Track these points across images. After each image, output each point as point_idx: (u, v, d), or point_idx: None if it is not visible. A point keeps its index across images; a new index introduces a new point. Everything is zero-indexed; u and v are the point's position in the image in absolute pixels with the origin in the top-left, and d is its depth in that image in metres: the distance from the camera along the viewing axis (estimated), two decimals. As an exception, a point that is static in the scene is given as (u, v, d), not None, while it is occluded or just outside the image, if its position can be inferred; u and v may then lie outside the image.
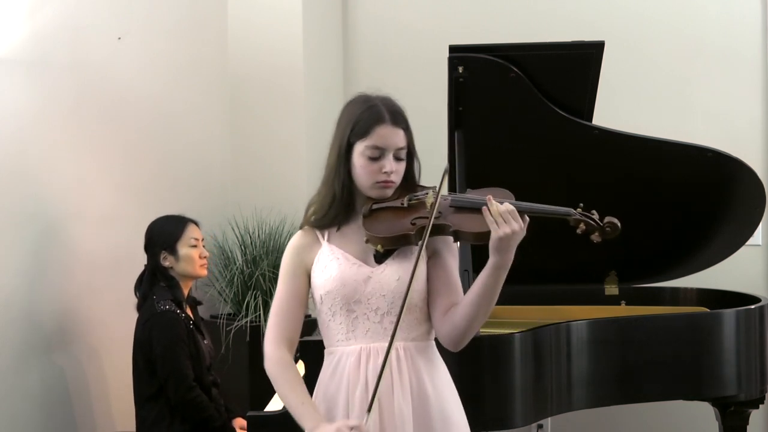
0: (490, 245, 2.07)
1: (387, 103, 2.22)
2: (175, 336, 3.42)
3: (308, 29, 4.65)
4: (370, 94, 2.25)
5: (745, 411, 3.46)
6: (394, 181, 2.21)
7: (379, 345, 2.18)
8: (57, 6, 3.68)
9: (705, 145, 3.49)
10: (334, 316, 2.22)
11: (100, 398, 3.92)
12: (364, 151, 2.18)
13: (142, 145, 4.18)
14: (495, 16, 4.77)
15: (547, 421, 3.72)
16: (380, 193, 2.21)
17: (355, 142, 2.19)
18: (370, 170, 2.18)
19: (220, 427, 3.49)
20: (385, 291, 2.18)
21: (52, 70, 3.68)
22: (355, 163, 2.20)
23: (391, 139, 2.18)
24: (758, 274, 4.57)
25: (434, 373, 2.23)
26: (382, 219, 2.18)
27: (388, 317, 2.19)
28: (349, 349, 2.20)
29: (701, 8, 4.63)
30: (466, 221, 2.15)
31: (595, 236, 2.16)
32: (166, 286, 3.53)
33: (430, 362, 2.24)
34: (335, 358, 2.22)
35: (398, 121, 2.20)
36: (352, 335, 2.20)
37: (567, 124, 3.33)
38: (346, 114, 2.24)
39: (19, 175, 3.49)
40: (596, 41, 3.23)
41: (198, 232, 3.65)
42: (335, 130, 2.26)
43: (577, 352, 3.14)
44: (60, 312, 3.71)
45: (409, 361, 2.19)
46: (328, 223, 2.24)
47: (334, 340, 2.23)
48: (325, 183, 2.24)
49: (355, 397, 2.17)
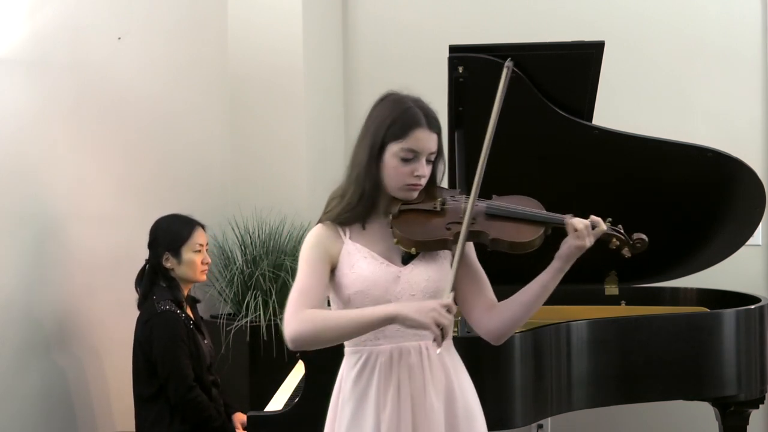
0: (562, 253, 2.15)
1: (422, 107, 2.22)
2: (176, 336, 3.42)
3: (308, 29, 4.65)
4: (403, 95, 2.25)
5: (745, 411, 3.46)
6: (422, 185, 2.22)
7: (410, 344, 2.18)
8: (57, 6, 3.68)
9: (705, 145, 3.48)
10: None
11: (100, 398, 3.92)
12: (398, 153, 2.17)
13: (142, 145, 4.18)
14: (495, 16, 4.77)
15: (547, 421, 3.72)
16: (407, 195, 2.22)
17: (389, 143, 2.18)
18: (401, 172, 2.18)
19: (219, 427, 3.49)
20: (415, 291, 2.18)
21: (52, 70, 3.68)
22: (386, 163, 2.19)
23: (426, 143, 2.18)
24: (758, 274, 4.57)
25: (460, 373, 2.26)
26: (414, 221, 2.19)
27: None
28: (379, 349, 2.19)
29: (701, 8, 4.63)
30: (505, 230, 2.19)
31: (626, 251, 2.24)
32: (167, 286, 3.53)
33: (456, 361, 2.27)
34: (362, 357, 2.20)
35: (433, 126, 2.21)
36: (382, 335, 2.18)
37: (567, 124, 3.33)
38: (379, 113, 2.23)
39: (19, 174, 3.49)
40: (596, 41, 3.22)
41: (204, 237, 3.64)
42: (365, 127, 2.24)
43: (577, 352, 3.14)
44: (60, 312, 3.71)
45: (437, 361, 2.20)
46: (353, 220, 2.23)
47: (361, 339, 2.20)
48: (355, 180, 2.22)
49: (387, 397, 2.16)
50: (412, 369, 2.17)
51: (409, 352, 2.18)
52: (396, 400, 2.15)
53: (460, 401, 2.21)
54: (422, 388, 2.17)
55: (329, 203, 2.28)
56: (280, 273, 4.29)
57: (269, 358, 4.06)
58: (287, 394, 3.16)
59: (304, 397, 2.82)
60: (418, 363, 2.18)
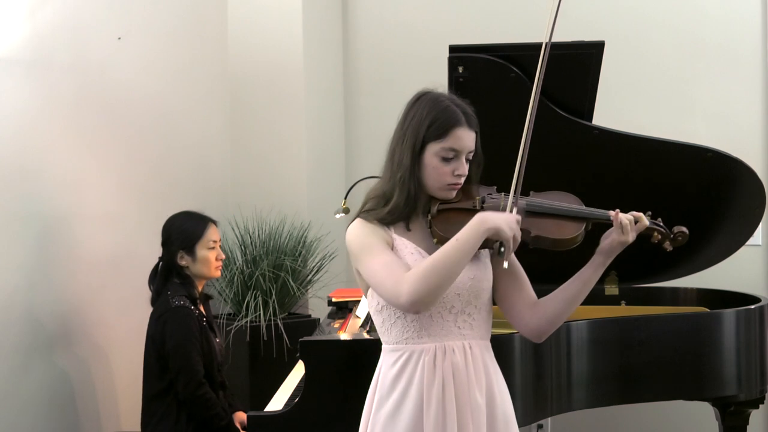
0: (604, 248, 2.17)
1: (460, 105, 2.22)
2: (188, 332, 3.42)
3: (308, 29, 4.66)
4: (438, 93, 2.24)
5: (745, 411, 3.46)
6: (461, 184, 2.22)
7: (453, 343, 2.19)
8: (57, 6, 3.68)
9: (705, 145, 3.48)
10: (405, 314, 2.18)
11: (103, 397, 3.92)
12: (438, 152, 2.17)
13: (142, 144, 4.18)
14: (495, 16, 4.77)
15: (547, 421, 3.72)
16: (446, 195, 2.21)
17: (430, 143, 2.17)
18: (442, 171, 2.18)
19: (225, 426, 3.49)
20: (460, 290, 2.18)
21: (52, 70, 3.68)
22: (426, 163, 2.18)
23: (466, 142, 2.18)
24: (758, 274, 4.57)
25: (498, 374, 2.27)
26: (453, 220, 2.17)
27: (462, 316, 2.20)
28: (423, 347, 2.18)
29: (701, 8, 4.63)
30: (547, 227, 2.18)
31: (667, 245, 2.27)
32: (181, 283, 3.53)
33: (494, 362, 2.27)
34: (404, 355, 2.19)
35: (472, 124, 2.21)
36: (425, 333, 2.18)
37: (567, 124, 3.33)
38: (417, 113, 2.21)
39: (20, 174, 3.49)
40: (596, 41, 3.22)
41: (217, 234, 3.65)
42: (402, 127, 2.22)
43: (577, 352, 3.14)
44: (61, 311, 3.71)
45: (480, 360, 2.21)
46: (398, 221, 2.21)
47: (403, 337, 2.19)
48: (399, 182, 2.19)
49: (431, 394, 2.15)
50: (457, 367, 2.17)
51: (453, 351, 2.18)
52: (441, 399, 2.15)
53: (500, 405, 2.22)
54: (466, 387, 2.17)
55: (367, 202, 2.25)
56: (280, 273, 4.29)
57: (269, 358, 4.07)
58: (287, 394, 3.16)
59: (304, 397, 2.82)
60: (462, 361, 2.18)
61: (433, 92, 2.24)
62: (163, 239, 3.60)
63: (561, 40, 3.40)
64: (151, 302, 3.57)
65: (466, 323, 2.20)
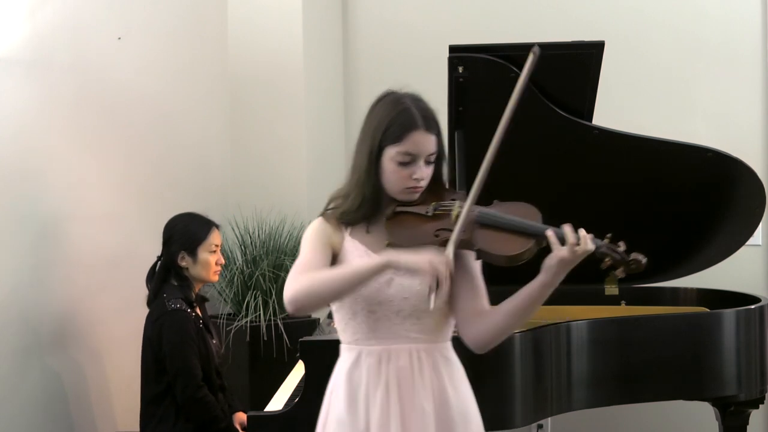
0: (546, 264, 2.04)
1: (420, 106, 2.19)
2: (185, 335, 3.42)
3: (308, 29, 4.65)
4: (401, 94, 2.22)
5: (745, 411, 3.46)
6: (423, 186, 2.19)
7: (400, 347, 2.17)
8: (57, 6, 3.68)
9: (705, 145, 3.48)
10: (355, 315, 2.18)
11: (101, 398, 3.92)
12: (395, 157, 2.15)
13: (142, 145, 4.18)
14: (495, 16, 4.76)
15: (547, 421, 3.72)
16: (407, 198, 2.19)
17: (387, 146, 2.16)
18: (400, 176, 2.16)
19: (225, 428, 3.49)
20: (408, 294, 2.16)
21: (52, 70, 3.68)
22: (385, 167, 2.17)
23: (423, 145, 2.15)
24: (758, 274, 4.57)
25: (454, 374, 2.23)
26: (406, 225, 2.16)
27: (410, 320, 2.17)
28: (370, 349, 2.18)
29: (701, 8, 4.63)
30: (493, 241, 2.11)
31: (620, 272, 2.09)
32: (178, 284, 3.53)
33: (450, 363, 2.24)
34: (355, 354, 2.20)
35: (431, 127, 2.17)
36: (373, 335, 2.18)
37: (567, 124, 3.33)
38: (376, 115, 2.20)
39: (19, 174, 3.49)
40: (596, 41, 3.22)
41: (219, 238, 3.65)
42: (364, 129, 2.23)
43: (577, 352, 3.14)
44: (60, 312, 3.71)
45: (430, 362, 2.19)
46: (357, 222, 2.22)
47: (354, 338, 2.20)
48: (356, 185, 2.20)
49: (376, 398, 2.15)
50: (402, 372, 2.15)
51: (399, 355, 2.17)
52: (385, 402, 2.14)
53: (455, 404, 2.19)
54: (411, 391, 2.15)
55: (330, 202, 2.26)
56: (280, 273, 4.29)
57: (269, 358, 4.07)
58: (287, 394, 3.16)
59: (304, 397, 2.82)
60: (407, 366, 2.16)
61: (396, 93, 2.22)
62: (164, 238, 3.59)
63: (561, 40, 3.43)
64: (147, 302, 3.57)
65: (415, 327, 2.17)
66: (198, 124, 4.54)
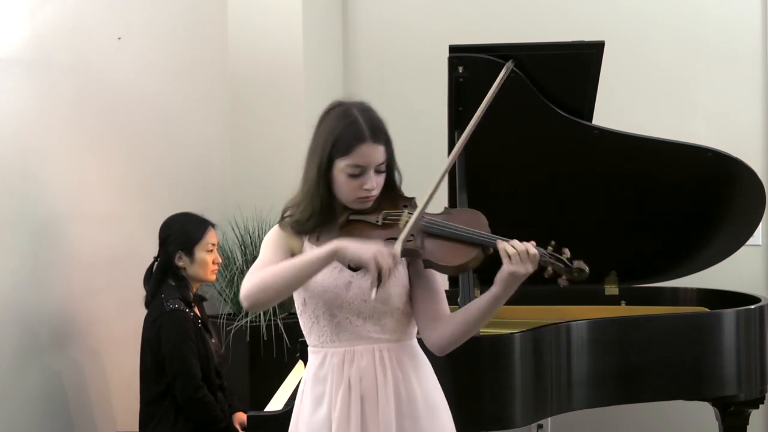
0: (498, 277, 2.08)
1: (367, 117, 2.21)
2: (184, 335, 3.43)
3: (308, 29, 4.65)
4: (349, 105, 2.24)
5: (745, 411, 3.46)
6: (375, 195, 2.22)
7: (362, 347, 2.22)
8: (57, 6, 3.68)
9: (705, 145, 3.48)
10: (317, 320, 2.24)
11: (100, 398, 3.92)
12: (344, 169, 2.18)
13: (142, 145, 4.18)
14: (495, 16, 4.76)
15: (547, 421, 3.72)
16: (360, 206, 2.22)
17: (336, 159, 2.18)
18: (351, 187, 2.19)
19: (224, 428, 3.49)
20: (367, 296, 2.17)
21: (52, 70, 3.68)
22: (336, 178, 2.20)
23: (371, 157, 2.18)
24: (758, 274, 4.57)
25: (420, 371, 2.27)
26: (356, 233, 2.18)
27: (371, 321, 2.22)
28: (334, 350, 2.23)
29: (701, 8, 4.62)
30: (439, 251, 2.14)
31: (562, 280, 2.12)
32: (176, 285, 3.53)
33: (415, 359, 2.27)
34: (320, 356, 2.25)
35: (378, 137, 2.19)
36: (336, 338, 2.23)
37: (567, 124, 3.33)
38: (325, 128, 2.24)
39: (19, 174, 3.49)
40: (596, 41, 3.22)
41: (215, 237, 3.66)
42: (314, 140, 2.27)
43: (577, 352, 3.14)
44: (59, 312, 3.71)
45: (394, 361, 2.23)
46: (308, 232, 2.25)
47: (319, 341, 2.25)
48: (305, 196, 2.23)
49: (338, 396, 2.19)
50: (364, 371, 2.20)
51: (362, 355, 2.21)
52: (346, 401, 2.18)
53: (420, 398, 2.23)
54: (373, 390, 2.19)
55: (284, 211, 2.29)
56: (280, 273, 4.29)
57: (269, 358, 4.07)
58: (287, 394, 3.16)
59: (304, 397, 2.81)
60: (370, 365, 2.20)
61: (343, 105, 2.25)
62: (161, 238, 3.59)
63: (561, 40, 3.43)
64: (144, 303, 3.57)
65: (376, 328, 2.22)
66: (198, 124, 4.54)
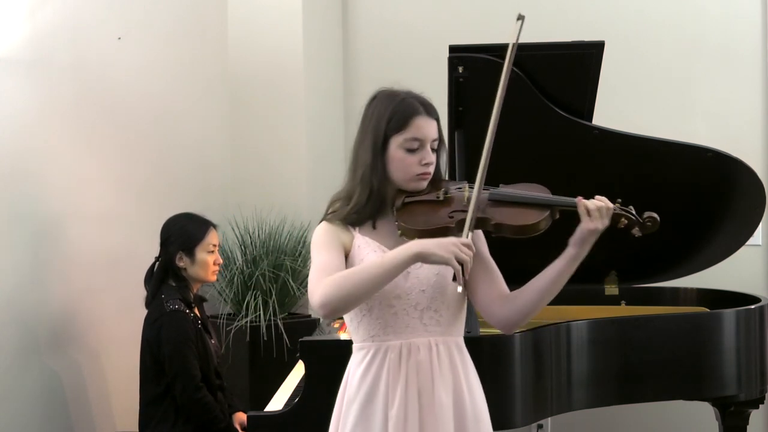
0: (575, 238, 2.12)
1: (416, 96, 2.23)
2: (184, 336, 3.42)
3: (308, 29, 4.65)
4: (395, 89, 2.25)
5: (745, 411, 3.46)
6: (431, 173, 2.21)
7: (419, 340, 2.17)
8: (57, 6, 3.69)
9: (705, 145, 3.48)
10: (370, 311, 2.18)
11: (100, 398, 3.92)
12: (402, 144, 2.17)
13: (141, 144, 4.18)
14: (495, 16, 4.76)
15: (547, 421, 3.72)
16: (417, 186, 2.21)
17: (392, 136, 2.18)
18: (408, 162, 2.18)
19: (224, 428, 3.49)
20: (425, 286, 2.17)
21: (52, 70, 3.68)
22: (392, 156, 2.18)
23: (428, 129, 2.19)
24: (758, 274, 4.57)
25: (470, 373, 2.24)
26: (418, 212, 2.18)
27: (428, 312, 2.18)
28: (389, 345, 2.17)
29: (701, 8, 4.63)
30: (509, 215, 2.17)
31: (636, 231, 2.19)
32: (176, 285, 3.53)
33: (465, 360, 2.25)
34: (370, 353, 2.19)
35: (431, 112, 2.22)
36: (391, 330, 2.18)
37: (567, 124, 3.33)
38: (375, 110, 2.22)
39: (19, 174, 3.49)
40: (596, 41, 3.22)
41: (216, 238, 3.65)
42: (362, 127, 2.24)
43: (577, 352, 3.14)
44: (59, 312, 3.71)
45: (447, 358, 2.19)
46: (363, 220, 2.22)
47: (369, 335, 2.19)
48: (361, 180, 2.20)
49: (396, 393, 2.14)
50: (421, 365, 2.16)
51: (418, 348, 2.17)
52: (404, 396, 2.14)
53: (468, 401, 2.20)
54: (431, 384, 2.15)
55: (332, 205, 2.26)
56: (280, 273, 4.29)
57: (269, 358, 4.07)
58: (287, 394, 3.16)
59: (304, 397, 2.82)
60: (427, 359, 2.16)
61: (389, 89, 2.25)
62: (162, 239, 3.59)
63: (561, 40, 3.43)
64: (145, 303, 3.56)
65: (432, 320, 2.19)
66: (198, 124, 4.54)
